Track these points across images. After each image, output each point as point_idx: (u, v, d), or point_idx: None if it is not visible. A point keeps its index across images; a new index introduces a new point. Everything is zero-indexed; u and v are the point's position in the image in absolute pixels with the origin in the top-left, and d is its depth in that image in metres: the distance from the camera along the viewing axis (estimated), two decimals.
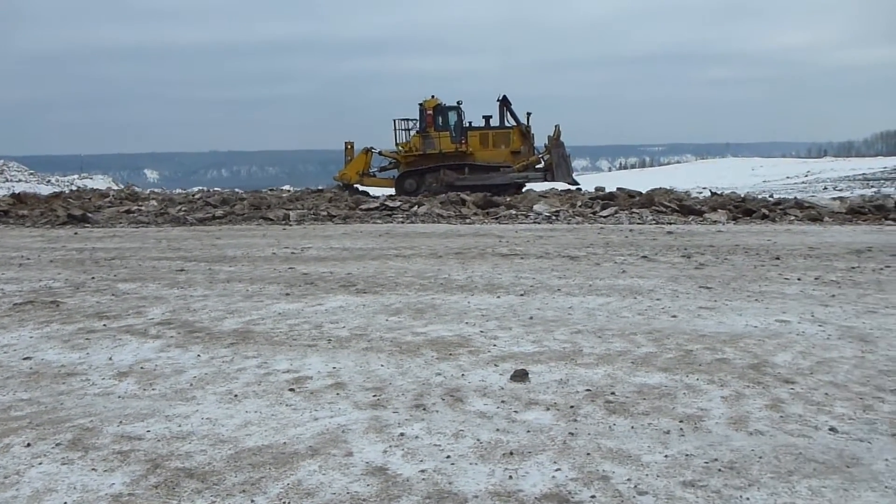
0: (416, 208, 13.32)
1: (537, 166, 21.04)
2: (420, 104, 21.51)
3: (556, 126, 20.89)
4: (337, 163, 23.30)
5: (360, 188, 21.50)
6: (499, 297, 5.65)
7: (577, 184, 20.97)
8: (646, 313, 5.01)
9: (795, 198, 15.59)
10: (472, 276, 6.63)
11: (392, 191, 20.88)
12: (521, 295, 5.71)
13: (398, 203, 13.75)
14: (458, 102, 21.71)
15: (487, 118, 21.94)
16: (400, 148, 21.65)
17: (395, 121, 21.94)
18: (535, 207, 12.84)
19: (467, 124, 21.65)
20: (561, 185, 20.24)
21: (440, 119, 21.27)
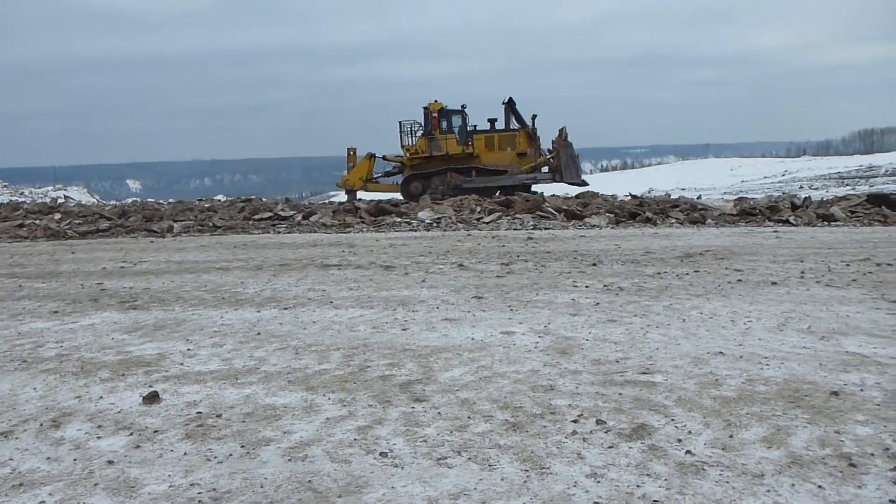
0: (300, 218, 13.17)
1: (544, 168, 21.31)
2: (425, 107, 21.73)
3: (562, 128, 21.34)
4: (320, 169, 23.73)
5: (364, 194, 21.68)
6: (259, 311, 5.54)
7: (586, 184, 21.28)
8: (382, 326, 4.91)
9: (690, 199, 15.64)
10: (265, 289, 6.52)
11: (397, 195, 21.02)
12: (285, 309, 5.60)
13: (291, 213, 13.63)
14: (462, 106, 21.99)
15: (492, 121, 22.25)
16: (406, 152, 21.72)
17: (400, 123, 22.19)
18: (420, 214, 12.73)
19: (471, 128, 21.77)
20: (573, 188, 20.47)
21: (445, 122, 21.53)
